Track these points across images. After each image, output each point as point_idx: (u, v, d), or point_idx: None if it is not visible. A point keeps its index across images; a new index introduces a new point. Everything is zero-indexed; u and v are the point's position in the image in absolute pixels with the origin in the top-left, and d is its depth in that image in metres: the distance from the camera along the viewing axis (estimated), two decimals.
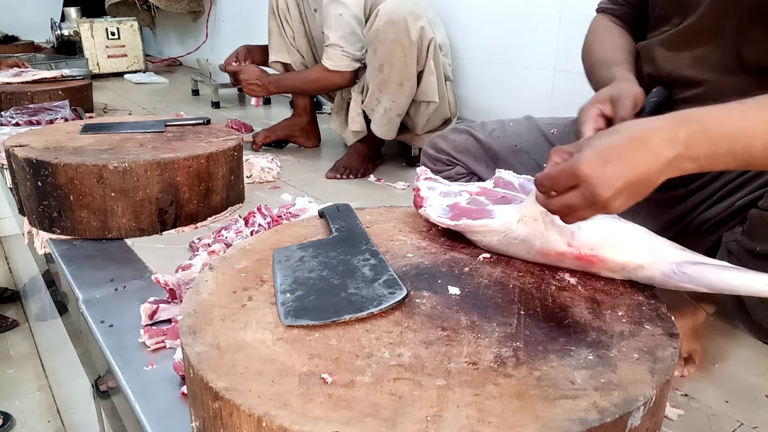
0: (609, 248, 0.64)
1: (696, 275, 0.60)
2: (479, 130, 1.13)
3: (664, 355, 0.53)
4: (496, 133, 1.10)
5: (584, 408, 0.45)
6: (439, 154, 1.14)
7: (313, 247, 0.72)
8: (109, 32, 3.65)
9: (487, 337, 0.55)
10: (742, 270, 0.59)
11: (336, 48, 1.73)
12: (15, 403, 2.04)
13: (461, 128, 1.15)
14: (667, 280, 0.62)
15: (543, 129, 1.08)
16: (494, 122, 1.14)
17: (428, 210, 0.77)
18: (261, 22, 2.16)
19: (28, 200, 1.25)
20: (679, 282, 0.61)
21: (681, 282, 0.61)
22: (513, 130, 1.10)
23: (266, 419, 0.44)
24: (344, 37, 1.72)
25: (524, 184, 0.80)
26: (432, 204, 0.78)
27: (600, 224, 0.66)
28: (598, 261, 0.64)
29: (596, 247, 0.64)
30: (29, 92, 2.14)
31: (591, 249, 0.64)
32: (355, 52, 1.74)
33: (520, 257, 0.70)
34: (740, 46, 0.80)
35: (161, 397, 0.74)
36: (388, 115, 1.68)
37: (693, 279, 0.60)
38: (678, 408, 0.76)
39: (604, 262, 0.64)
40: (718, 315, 0.97)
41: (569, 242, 0.65)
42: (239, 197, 1.43)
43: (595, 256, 0.64)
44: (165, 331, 0.85)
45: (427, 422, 0.44)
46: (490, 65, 1.95)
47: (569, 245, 0.65)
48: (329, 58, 1.75)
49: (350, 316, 0.57)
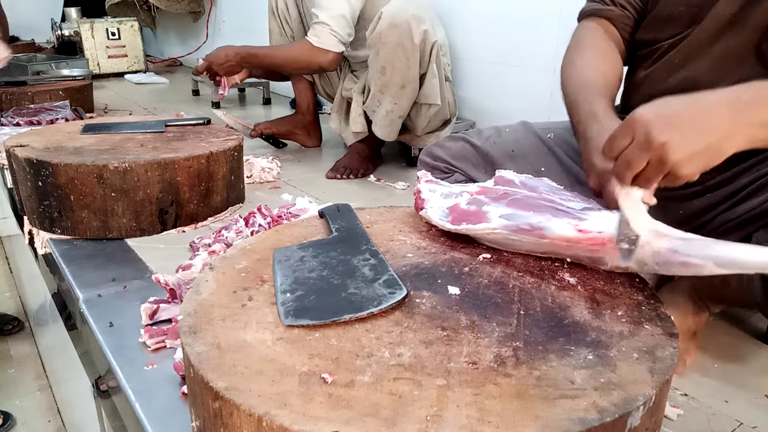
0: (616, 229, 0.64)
1: (702, 248, 0.59)
2: (475, 136, 1.12)
3: (664, 354, 0.53)
4: (493, 139, 1.10)
5: (584, 408, 0.46)
6: (437, 162, 1.13)
7: (314, 247, 0.72)
8: (109, 32, 3.65)
9: (487, 336, 0.55)
10: (752, 245, 0.58)
11: (324, 26, 1.70)
12: (15, 403, 2.04)
13: (457, 136, 1.15)
14: (673, 255, 0.60)
15: (539, 134, 1.08)
16: (490, 129, 1.14)
17: (429, 212, 0.77)
18: (261, 23, 2.16)
19: (28, 200, 1.25)
20: (686, 257, 0.59)
21: (688, 257, 0.59)
22: (509, 135, 1.10)
23: (266, 419, 0.44)
24: (334, 18, 1.70)
25: (525, 182, 0.80)
26: (433, 206, 0.78)
27: (603, 214, 0.67)
28: (605, 242, 0.64)
29: (603, 229, 0.64)
30: (30, 92, 2.14)
31: (599, 231, 0.64)
32: (342, 34, 1.71)
33: (527, 250, 0.71)
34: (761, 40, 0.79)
35: (161, 396, 0.74)
36: (390, 117, 1.68)
37: (700, 252, 0.59)
38: (678, 408, 0.76)
39: (612, 242, 0.64)
40: (718, 315, 0.97)
41: (578, 227, 0.65)
42: (239, 197, 1.43)
43: (602, 237, 0.64)
44: (165, 330, 0.85)
45: (427, 422, 0.44)
46: (490, 65, 1.95)
47: (579, 230, 0.65)
48: (315, 35, 1.71)
49: (350, 316, 0.57)
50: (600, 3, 0.98)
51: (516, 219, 0.69)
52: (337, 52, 1.73)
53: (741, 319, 0.98)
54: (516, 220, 0.69)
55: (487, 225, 0.71)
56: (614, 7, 0.96)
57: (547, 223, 0.67)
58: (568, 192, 0.77)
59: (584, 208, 0.70)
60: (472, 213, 0.73)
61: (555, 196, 0.75)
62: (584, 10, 1.00)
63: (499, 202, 0.73)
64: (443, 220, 0.75)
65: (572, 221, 0.66)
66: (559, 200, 0.73)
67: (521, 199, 0.73)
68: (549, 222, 0.67)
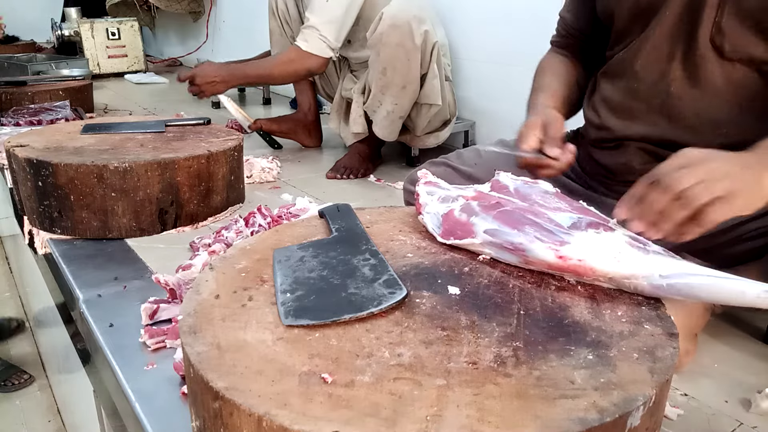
0: (596, 259, 0.63)
1: (684, 289, 0.60)
2: (456, 160, 1.15)
3: (664, 354, 0.53)
4: (473, 161, 1.13)
5: (584, 408, 0.46)
6: None
7: (314, 247, 0.72)
8: (109, 32, 3.65)
9: (487, 336, 0.55)
10: (733, 279, 0.59)
11: (313, 30, 1.70)
12: (15, 403, 2.04)
13: (438, 161, 1.17)
14: (656, 291, 0.62)
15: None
16: (469, 150, 1.17)
17: (425, 218, 0.78)
18: (261, 23, 2.16)
19: (28, 200, 1.25)
20: (668, 294, 0.61)
21: (670, 294, 0.61)
22: (488, 156, 1.12)
23: (266, 419, 0.44)
24: (324, 23, 1.69)
25: (519, 188, 0.80)
26: (429, 211, 0.78)
27: (588, 236, 0.66)
28: (586, 271, 0.64)
29: (584, 258, 0.64)
30: (30, 92, 2.14)
31: (579, 260, 0.64)
32: (332, 39, 1.71)
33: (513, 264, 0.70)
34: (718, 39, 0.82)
35: (161, 397, 0.74)
36: (390, 118, 1.68)
37: (681, 292, 0.61)
38: (678, 408, 0.76)
39: (593, 271, 0.64)
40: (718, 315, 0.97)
41: (558, 253, 0.64)
42: (239, 197, 1.43)
43: (583, 266, 0.64)
44: (165, 330, 0.85)
45: (427, 422, 0.44)
46: (490, 66, 1.95)
47: (559, 257, 0.64)
48: (305, 39, 1.71)
49: (350, 316, 0.57)
50: (555, 36, 1.17)
51: (500, 236, 0.68)
52: (326, 57, 1.73)
53: (741, 319, 0.98)
54: (500, 238, 0.68)
55: (472, 240, 0.71)
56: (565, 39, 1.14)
57: (529, 244, 0.66)
58: (562, 199, 0.77)
59: (572, 224, 0.69)
60: (461, 225, 0.73)
61: (546, 206, 0.74)
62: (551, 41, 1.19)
63: (488, 212, 0.72)
64: (436, 230, 0.76)
65: (554, 246, 0.65)
66: (549, 213, 0.71)
67: (510, 212, 0.72)
68: (531, 244, 0.66)
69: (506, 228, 0.69)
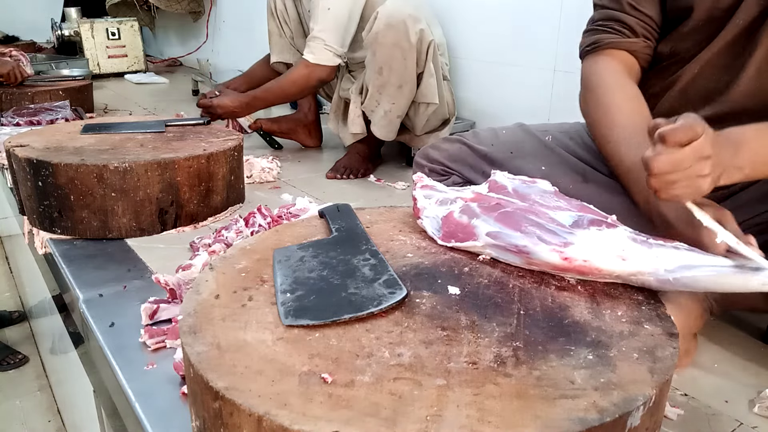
0: (601, 259, 0.63)
1: (690, 282, 0.61)
2: (471, 138, 1.11)
3: (664, 354, 0.53)
4: (490, 141, 1.09)
5: (584, 408, 0.46)
6: (434, 164, 1.12)
7: (313, 247, 0.72)
8: (109, 32, 3.65)
9: (486, 336, 0.55)
10: (738, 270, 0.60)
11: (318, 41, 1.72)
12: (15, 403, 2.04)
13: (453, 138, 1.14)
14: (662, 286, 0.63)
15: (537, 135, 1.07)
16: (486, 130, 1.13)
17: (424, 222, 0.78)
18: (261, 23, 2.16)
19: (28, 200, 1.25)
20: (675, 287, 0.62)
21: (676, 287, 0.62)
22: (507, 137, 1.09)
23: (266, 419, 0.44)
24: (326, 30, 1.71)
25: (518, 188, 0.79)
26: (428, 215, 0.78)
27: (591, 234, 0.66)
28: (592, 271, 0.64)
29: (589, 258, 0.64)
30: (30, 92, 2.14)
31: (584, 261, 0.64)
32: (337, 47, 1.73)
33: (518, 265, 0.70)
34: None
35: (161, 397, 0.74)
36: (388, 117, 1.68)
37: (688, 284, 0.61)
38: (678, 408, 0.76)
39: (599, 271, 0.64)
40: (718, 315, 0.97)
41: (563, 255, 0.64)
42: (239, 197, 1.43)
43: (588, 266, 0.64)
44: (165, 330, 0.85)
45: (427, 422, 0.44)
46: (489, 65, 1.95)
47: (564, 258, 0.64)
48: (311, 52, 1.73)
49: (350, 316, 0.57)
50: (615, 33, 0.91)
51: (503, 239, 0.68)
52: (334, 65, 1.75)
53: (741, 319, 0.98)
54: (503, 240, 0.68)
55: (475, 243, 0.71)
56: (636, 39, 0.91)
57: (533, 247, 0.66)
58: (561, 197, 0.77)
59: (574, 222, 0.69)
60: (462, 227, 0.73)
61: (546, 206, 0.74)
62: (599, 42, 0.93)
63: (489, 214, 0.72)
64: (436, 234, 0.76)
65: (558, 248, 0.65)
66: (550, 212, 0.71)
67: (511, 213, 0.72)
68: (535, 246, 0.66)
69: (509, 230, 0.69)
